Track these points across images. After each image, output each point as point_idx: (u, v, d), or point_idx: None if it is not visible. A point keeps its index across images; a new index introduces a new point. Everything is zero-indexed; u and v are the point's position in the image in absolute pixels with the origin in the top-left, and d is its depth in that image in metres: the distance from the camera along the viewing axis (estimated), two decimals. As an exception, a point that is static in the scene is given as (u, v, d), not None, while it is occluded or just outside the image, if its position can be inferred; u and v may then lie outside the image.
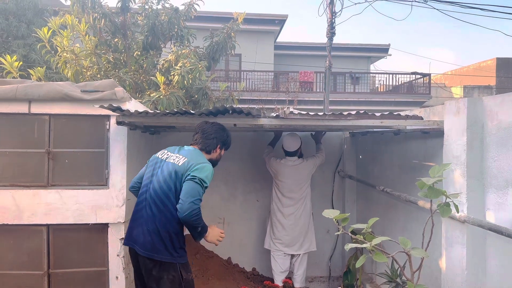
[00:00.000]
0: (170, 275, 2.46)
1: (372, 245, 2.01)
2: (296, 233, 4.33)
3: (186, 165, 2.51)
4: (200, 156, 2.64)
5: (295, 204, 4.30)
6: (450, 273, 2.63)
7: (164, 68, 6.17)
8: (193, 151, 2.67)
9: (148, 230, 2.49)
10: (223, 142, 2.83)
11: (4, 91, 3.24)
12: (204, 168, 2.52)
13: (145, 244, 2.49)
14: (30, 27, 8.72)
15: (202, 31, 7.79)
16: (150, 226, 2.49)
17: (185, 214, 2.36)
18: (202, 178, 2.46)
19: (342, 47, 19.58)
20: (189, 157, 2.57)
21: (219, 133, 2.80)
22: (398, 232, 3.66)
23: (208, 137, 2.75)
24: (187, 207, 2.36)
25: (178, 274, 2.49)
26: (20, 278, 3.32)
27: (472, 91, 19.16)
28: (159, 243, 2.46)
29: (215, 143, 2.77)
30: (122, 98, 3.34)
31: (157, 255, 2.46)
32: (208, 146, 2.75)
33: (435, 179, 2.08)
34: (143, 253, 2.49)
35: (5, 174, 3.31)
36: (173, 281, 2.46)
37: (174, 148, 2.76)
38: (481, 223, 2.35)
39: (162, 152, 2.77)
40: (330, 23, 11.56)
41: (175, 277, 2.47)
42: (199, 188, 2.44)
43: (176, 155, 2.63)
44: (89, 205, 3.33)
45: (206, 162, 2.58)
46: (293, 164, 4.30)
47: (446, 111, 2.75)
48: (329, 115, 2.97)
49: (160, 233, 2.47)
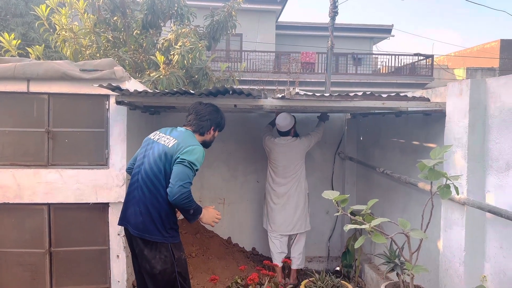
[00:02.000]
0: (162, 255, 2.50)
1: (371, 226, 2.02)
2: (288, 213, 4.28)
3: (175, 147, 2.49)
4: (191, 138, 2.61)
5: (287, 184, 4.27)
6: (449, 254, 2.65)
7: (164, 47, 6.09)
8: (185, 133, 2.64)
9: (140, 211, 2.51)
10: (216, 123, 2.79)
11: (3, 70, 3.21)
12: (194, 150, 2.49)
13: (137, 225, 2.51)
14: (29, 5, 8.59)
15: (202, 10, 7.67)
16: (142, 207, 2.51)
17: (174, 197, 2.37)
18: (191, 161, 2.44)
19: (345, 27, 19.34)
20: (180, 139, 2.55)
21: (213, 115, 2.76)
22: (398, 213, 3.68)
23: (202, 119, 2.72)
24: (176, 190, 2.36)
25: (170, 253, 2.52)
26: (22, 256, 3.36)
27: (475, 73, 18.99)
28: (150, 224, 2.48)
29: (208, 125, 2.74)
30: (121, 78, 3.31)
31: (149, 235, 2.49)
32: (202, 128, 2.72)
33: (436, 161, 2.07)
34: (135, 233, 2.52)
35: (5, 153, 3.31)
36: (165, 260, 2.50)
37: (166, 129, 2.73)
38: (481, 205, 2.35)
39: (154, 133, 2.74)
40: (332, 2, 11.38)
41: (167, 257, 2.50)
42: (189, 171, 2.43)
43: (167, 136, 2.61)
44: (89, 185, 3.34)
45: (196, 145, 2.54)
46: (285, 142, 4.28)
47: (449, 93, 2.72)
48: (336, 96, 2.92)
49: (151, 214, 2.49)
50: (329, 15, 11.70)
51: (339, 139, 5.03)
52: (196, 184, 4.66)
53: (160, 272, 2.49)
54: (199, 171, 2.57)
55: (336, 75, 16.58)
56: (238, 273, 4.01)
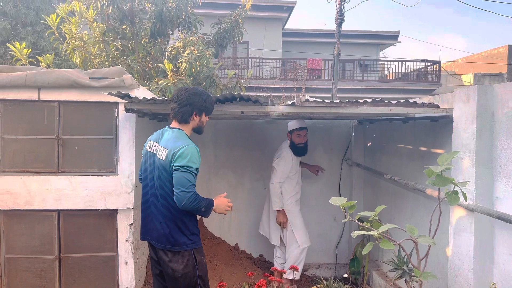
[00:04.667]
0: (184, 259, 2.52)
1: (379, 233, 2.02)
2: (264, 220, 4.53)
3: (169, 158, 2.45)
4: (178, 139, 2.50)
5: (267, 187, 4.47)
6: (457, 261, 2.63)
7: (172, 55, 6.16)
8: (171, 136, 2.54)
9: (160, 224, 2.53)
10: (199, 108, 2.57)
11: (14, 78, 3.27)
12: (184, 153, 2.41)
13: (159, 238, 2.54)
14: (39, 14, 8.72)
15: (209, 18, 7.74)
16: (161, 221, 2.53)
17: (182, 204, 2.39)
18: (184, 165, 2.39)
19: (351, 34, 19.36)
20: (169, 146, 2.48)
21: (192, 99, 2.54)
22: (405, 220, 3.66)
23: (181, 105, 2.55)
24: (181, 197, 2.38)
25: (193, 257, 2.55)
26: (32, 262, 3.40)
27: (482, 79, 18.88)
28: (171, 236, 2.51)
29: (190, 110, 2.55)
30: (130, 85, 3.35)
31: (171, 246, 2.52)
32: (183, 115, 2.56)
33: (444, 167, 2.07)
34: (158, 246, 2.56)
35: (16, 160, 3.36)
36: (187, 264, 2.53)
37: (157, 135, 2.65)
38: (489, 211, 2.34)
39: (149, 144, 2.67)
40: (339, 9, 11.43)
41: (189, 260, 2.53)
42: (187, 174, 2.40)
43: (159, 147, 2.55)
44: (98, 191, 3.37)
45: (184, 145, 2.44)
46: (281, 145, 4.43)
47: (456, 99, 2.72)
48: (345, 102, 2.94)
49: (170, 227, 2.51)
50: (336, 22, 11.74)
51: (346, 145, 5.03)
52: (203, 191, 4.68)
53: (182, 275, 2.51)
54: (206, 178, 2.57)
55: (342, 82, 16.58)
56: (245, 280, 4.01)
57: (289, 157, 4.24)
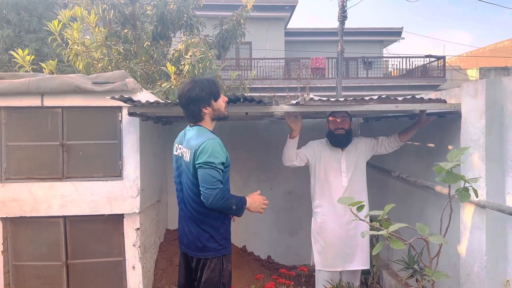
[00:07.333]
0: (212, 263, 2.47)
1: (389, 232, 1.98)
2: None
3: (192, 158, 2.41)
4: (198, 135, 2.44)
5: None
6: (470, 259, 2.58)
7: (174, 57, 6.14)
8: (193, 134, 2.49)
9: (189, 230, 2.49)
10: (203, 100, 2.46)
11: (17, 85, 3.26)
12: (204, 148, 2.35)
13: (189, 245, 2.51)
14: (41, 21, 8.77)
15: (211, 20, 7.72)
16: (190, 226, 2.49)
17: (209, 202, 2.31)
18: (205, 161, 2.32)
19: (354, 31, 19.29)
20: (191, 145, 2.44)
21: (191, 96, 2.44)
22: (415, 218, 3.61)
23: (186, 108, 2.49)
24: (207, 195, 2.30)
25: (220, 262, 2.49)
26: (40, 269, 3.39)
27: (488, 73, 18.72)
28: (199, 242, 2.46)
29: (196, 108, 2.47)
30: (133, 89, 3.33)
31: (201, 253, 2.47)
32: (194, 115, 2.49)
33: (453, 163, 2.03)
34: (190, 253, 2.52)
35: (21, 168, 3.36)
36: (214, 269, 2.47)
37: (181, 138, 2.62)
38: (501, 207, 2.29)
39: (175, 147, 2.65)
40: (341, 6, 11.37)
41: (216, 264, 2.48)
42: (210, 171, 2.32)
43: (184, 148, 2.52)
44: (104, 196, 3.35)
45: (205, 140, 2.38)
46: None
47: (464, 94, 2.67)
48: (350, 100, 2.88)
49: (199, 232, 2.46)
50: (338, 19, 11.68)
51: (352, 144, 4.97)
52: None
53: (206, 280, 2.46)
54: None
55: (346, 80, 16.51)
56: (254, 282, 3.97)
57: (316, 143, 3.66)
